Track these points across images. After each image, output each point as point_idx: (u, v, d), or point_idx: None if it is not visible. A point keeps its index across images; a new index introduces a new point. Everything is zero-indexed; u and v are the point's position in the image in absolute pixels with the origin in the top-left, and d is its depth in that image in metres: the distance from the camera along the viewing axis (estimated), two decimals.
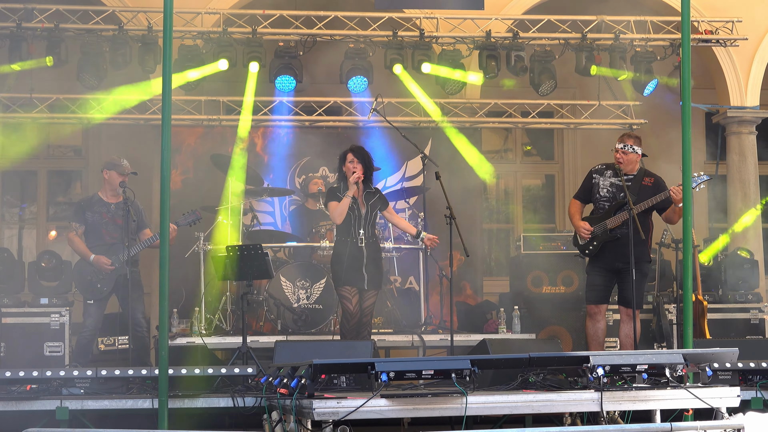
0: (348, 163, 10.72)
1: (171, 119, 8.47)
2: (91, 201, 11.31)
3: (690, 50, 8.97)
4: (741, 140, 15.12)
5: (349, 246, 10.70)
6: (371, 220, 10.77)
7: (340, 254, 10.77)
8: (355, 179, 10.59)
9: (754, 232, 14.89)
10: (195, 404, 8.76)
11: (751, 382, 9.48)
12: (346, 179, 10.71)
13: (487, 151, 16.85)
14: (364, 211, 10.73)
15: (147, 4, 13.52)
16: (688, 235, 8.93)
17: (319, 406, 7.17)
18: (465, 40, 14.09)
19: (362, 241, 10.68)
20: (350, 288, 10.71)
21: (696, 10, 14.34)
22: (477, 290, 14.55)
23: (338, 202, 10.67)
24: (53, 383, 8.93)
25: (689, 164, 8.97)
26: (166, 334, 8.38)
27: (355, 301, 10.71)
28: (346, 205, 10.62)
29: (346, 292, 10.72)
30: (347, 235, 10.72)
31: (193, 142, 14.30)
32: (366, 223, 10.74)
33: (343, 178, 10.77)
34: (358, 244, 10.68)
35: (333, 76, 14.09)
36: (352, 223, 10.71)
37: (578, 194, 10.96)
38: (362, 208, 10.73)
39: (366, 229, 10.72)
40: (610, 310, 12.08)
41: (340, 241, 10.80)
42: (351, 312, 10.69)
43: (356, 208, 10.71)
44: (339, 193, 10.71)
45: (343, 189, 10.72)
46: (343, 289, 10.75)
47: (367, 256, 10.70)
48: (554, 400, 7.65)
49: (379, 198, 10.93)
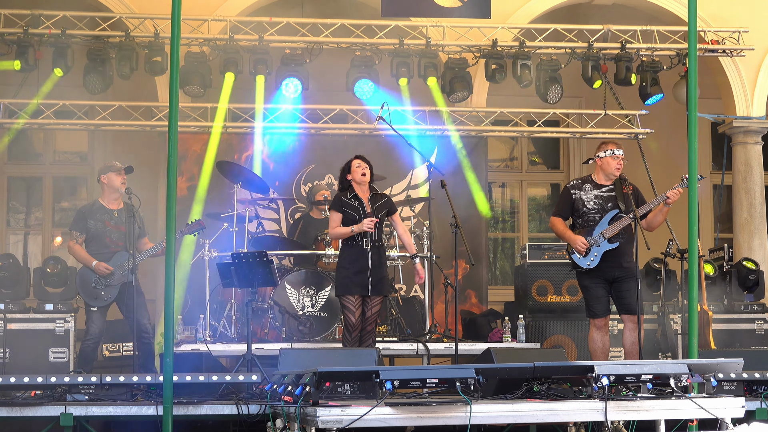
0: (355, 167, 10.68)
1: (178, 126, 8.48)
2: (93, 208, 11.25)
3: (696, 60, 8.97)
4: (747, 150, 15.11)
5: (354, 250, 10.66)
6: (378, 224, 10.70)
7: (343, 258, 10.73)
8: (367, 227, 10.56)
9: (759, 243, 14.88)
10: (199, 411, 8.76)
11: (756, 392, 9.47)
12: (350, 187, 10.68)
13: (493, 160, 16.88)
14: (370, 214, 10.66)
15: (154, 10, 13.55)
16: (694, 245, 8.92)
17: (324, 413, 7.16)
18: (471, 49, 14.11)
19: (368, 244, 10.64)
20: (353, 298, 10.60)
21: (703, 20, 14.35)
22: (482, 299, 14.54)
23: (340, 213, 10.65)
24: (57, 389, 8.92)
25: (695, 174, 8.96)
26: (171, 341, 8.38)
27: (358, 313, 10.62)
28: (346, 233, 10.61)
29: (348, 302, 10.61)
30: (352, 238, 10.67)
31: (198, 149, 14.30)
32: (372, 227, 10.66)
33: (346, 186, 10.74)
34: (363, 247, 10.62)
35: (339, 83, 14.11)
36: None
37: (559, 212, 10.78)
38: (368, 210, 10.68)
39: (372, 233, 10.66)
40: (614, 320, 12.09)
41: (345, 245, 10.75)
42: (353, 324, 10.61)
43: (362, 211, 10.66)
44: (345, 199, 10.67)
45: (350, 194, 10.67)
46: (345, 299, 10.64)
47: (372, 261, 10.62)
48: (558, 410, 7.63)
49: (386, 202, 10.85)
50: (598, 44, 14.16)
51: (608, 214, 10.51)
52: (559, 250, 13.08)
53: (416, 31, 14.16)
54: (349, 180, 10.73)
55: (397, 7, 11.73)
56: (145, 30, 13.55)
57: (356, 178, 10.66)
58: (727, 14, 14.82)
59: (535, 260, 13.42)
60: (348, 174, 10.74)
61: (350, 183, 10.72)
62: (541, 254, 13.44)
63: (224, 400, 8.88)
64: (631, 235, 10.51)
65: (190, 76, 13.54)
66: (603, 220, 10.52)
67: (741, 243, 14.92)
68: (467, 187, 14.47)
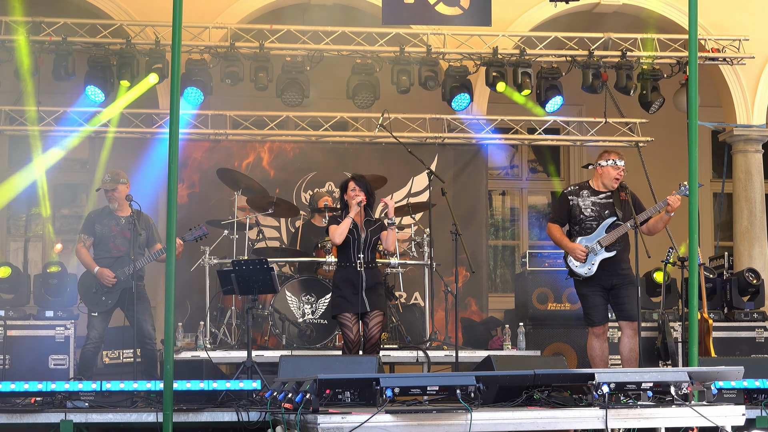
0: (350, 191, 10.68)
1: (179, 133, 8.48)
2: (102, 213, 11.35)
3: (697, 68, 8.97)
4: (747, 158, 15.11)
5: (347, 271, 10.63)
6: (371, 245, 10.66)
7: (337, 279, 10.71)
8: (359, 201, 10.53)
9: (759, 251, 14.88)
10: (199, 418, 8.75)
11: (756, 401, 9.46)
12: (347, 207, 10.67)
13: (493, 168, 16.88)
14: (363, 235, 10.63)
15: (155, 18, 13.56)
16: (694, 253, 8.91)
17: (324, 421, 7.15)
18: (472, 57, 14.12)
19: (361, 266, 10.60)
20: (349, 315, 10.58)
21: (703, 28, 14.36)
22: (482, 306, 14.53)
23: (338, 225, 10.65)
24: (58, 396, 8.92)
25: (696, 182, 8.96)
26: (171, 348, 8.38)
27: (356, 329, 10.59)
28: (347, 226, 10.53)
29: (345, 319, 10.57)
30: (346, 259, 10.65)
31: (199, 156, 14.31)
32: (365, 248, 10.62)
33: (345, 206, 10.73)
34: (357, 269, 10.58)
35: (340, 91, 14.11)
36: (351, 246, 10.62)
37: (556, 218, 10.79)
38: (362, 232, 10.65)
39: (365, 254, 10.60)
40: (614, 328, 12.09)
41: (339, 267, 10.74)
42: (352, 340, 10.57)
43: (356, 233, 10.61)
44: (340, 219, 10.67)
45: (344, 216, 10.67)
46: (342, 317, 10.60)
47: (366, 281, 10.55)
48: (559, 417, 7.63)
49: (380, 227, 10.83)
50: (599, 52, 14.18)
51: (605, 222, 10.51)
52: (559, 258, 13.07)
53: (417, 38, 14.17)
54: (346, 200, 10.72)
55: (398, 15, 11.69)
56: (146, 37, 13.56)
57: (350, 203, 10.63)
58: (727, 22, 14.83)
59: (535, 268, 13.43)
60: (345, 194, 10.73)
61: (347, 203, 10.70)
62: (542, 262, 13.44)
63: (224, 408, 8.87)
64: (627, 242, 10.53)
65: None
66: (600, 228, 10.51)
67: (741, 251, 14.92)
68: (468, 192, 14.47)
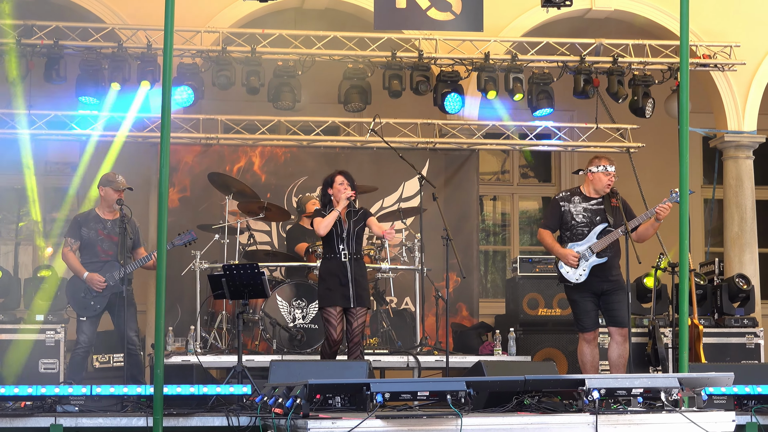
0: (338, 185, 10.71)
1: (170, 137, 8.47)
2: (88, 217, 11.27)
3: (688, 74, 8.98)
4: (738, 165, 15.11)
5: (332, 263, 10.69)
6: (355, 236, 10.73)
7: (323, 271, 10.80)
8: (348, 195, 10.58)
9: (750, 257, 14.89)
10: (190, 423, 8.74)
11: (747, 407, 9.45)
12: (330, 203, 10.70)
13: (485, 173, 16.89)
14: (346, 227, 10.70)
15: (147, 22, 13.54)
16: (685, 259, 8.93)
17: (314, 426, 7.15)
18: (463, 62, 14.11)
19: (345, 257, 10.65)
20: (335, 311, 10.62)
21: (694, 34, 14.38)
22: (473, 312, 14.53)
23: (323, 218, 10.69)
24: (47, 400, 8.89)
25: (686, 188, 8.98)
26: (162, 352, 8.37)
27: (340, 328, 10.63)
28: (333, 218, 10.60)
29: (330, 315, 10.63)
30: (330, 251, 10.73)
31: (190, 160, 14.30)
32: (349, 239, 10.70)
33: (328, 201, 10.76)
34: (341, 260, 10.65)
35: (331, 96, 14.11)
36: (334, 238, 10.69)
37: (547, 224, 10.81)
38: (344, 224, 10.71)
39: (349, 245, 10.68)
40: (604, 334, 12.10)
41: (324, 258, 10.84)
42: (334, 339, 10.62)
43: (339, 225, 10.69)
44: (324, 212, 10.70)
45: (329, 210, 10.70)
46: (326, 311, 10.66)
47: (351, 273, 10.63)
48: (549, 423, 7.63)
49: (363, 214, 10.89)
50: (590, 58, 14.19)
51: (596, 228, 10.52)
52: (550, 264, 13.08)
53: (409, 43, 14.17)
54: (330, 194, 10.74)
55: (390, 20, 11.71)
56: (138, 41, 13.54)
57: (337, 196, 10.66)
58: (718, 29, 14.85)
59: (526, 273, 13.43)
60: (330, 188, 10.75)
61: (331, 198, 10.73)
62: (532, 267, 13.45)
63: (215, 412, 8.86)
64: (619, 248, 10.54)
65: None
66: (591, 234, 10.52)
67: (732, 257, 14.93)
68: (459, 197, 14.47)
